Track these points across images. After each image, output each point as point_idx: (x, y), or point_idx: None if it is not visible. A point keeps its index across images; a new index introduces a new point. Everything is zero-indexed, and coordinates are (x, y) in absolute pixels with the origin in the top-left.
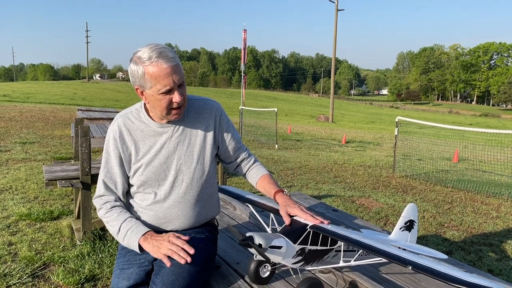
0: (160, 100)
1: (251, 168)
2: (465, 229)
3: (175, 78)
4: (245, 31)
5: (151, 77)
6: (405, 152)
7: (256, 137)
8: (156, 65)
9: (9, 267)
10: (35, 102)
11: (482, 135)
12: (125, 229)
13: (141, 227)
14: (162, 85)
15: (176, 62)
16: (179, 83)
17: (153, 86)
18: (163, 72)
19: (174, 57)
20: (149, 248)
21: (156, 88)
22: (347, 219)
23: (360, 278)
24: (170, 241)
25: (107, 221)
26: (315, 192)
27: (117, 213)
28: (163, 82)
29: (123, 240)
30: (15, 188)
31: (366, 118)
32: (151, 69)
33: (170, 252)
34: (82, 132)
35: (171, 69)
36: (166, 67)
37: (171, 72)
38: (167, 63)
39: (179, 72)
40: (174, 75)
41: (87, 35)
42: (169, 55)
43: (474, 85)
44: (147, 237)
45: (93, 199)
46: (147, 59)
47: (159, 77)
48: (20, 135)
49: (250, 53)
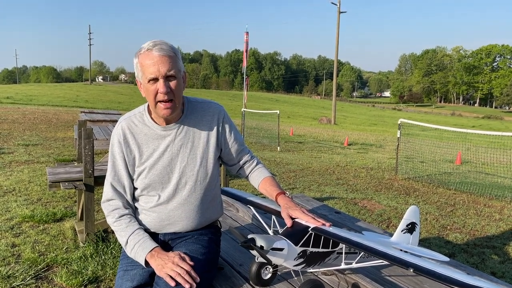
0: (148, 89)
1: (254, 170)
2: (467, 231)
3: (162, 68)
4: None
5: (141, 66)
6: (408, 154)
7: (258, 139)
8: (147, 54)
9: (12, 269)
10: (38, 104)
11: (484, 137)
12: (133, 243)
13: (148, 243)
14: (149, 72)
15: (167, 53)
16: (167, 75)
17: (143, 75)
18: (151, 60)
19: (168, 49)
20: (154, 265)
21: (144, 76)
22: (350, 221)
23: (362, 280)
24: (175, 263)
25: (115, 230)
26: (317, 194)
27: (126, 223)
28: (150, 70)
29: (130, 253)
30: (18, 190)
31: (368, 120)
32: (141, 58)
33: (173, 274)
34: (85, 134)
35: (159, 58)
36: (155, 56)
37: (159, 61)
38: (157, 52)
39: (169, 64)
40: (161, 64)
41: (90, 37)
42: (163, 47)
43: (476, 87)
44: (153, 254)
45: (102, 203)
46: (142, 50)
47: (147, 65)
48: (23, 137)
49: (252, 55)
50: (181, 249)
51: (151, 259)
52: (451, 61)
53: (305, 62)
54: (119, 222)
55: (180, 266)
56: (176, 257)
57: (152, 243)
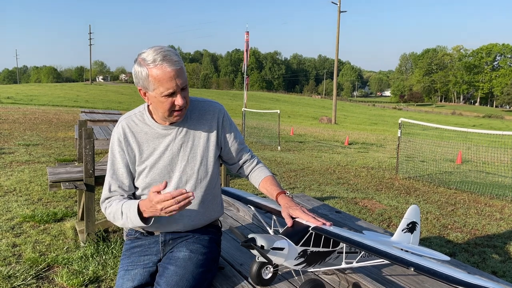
0: (162, 102)
1: (254, 169)
2: (468, 230)
3: (178, 82)
4: (247, 33)
5: (155, 80)
6: (408, 154)
7: (258, 138)
8: (160, 68)
9: (13, 269)
10: (39, 104)
11: (485, 137)
12: (125, 210)
13: (132, 202)
14: (165, 88)
15: (180, 65)
16: (182, 87)
17: (156, 89)
18: (167, 75)
19: (179, 61)
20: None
21: (159, 90)
22: (350, 221)
23: (363, 279)
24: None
25: (109, 212)
26: (318, 194)
27: (117, 201)
28: (166, 85)
29: (127, 220)
30: (19, 190)
31: (369, 119)
32: (155, 72)
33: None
34: (86, 134)
35: (174, 73)
36: (170, 71)
37: (175, 76)
38: (171, 67)
39: (182, 76)
40: (177, 78)
41: (90, 37)
42: (173, 58)
43: (477, 87)
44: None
45: (101, 203)
46: (151, 62)
47: (163, 80)
48: (24, 137)
49: (252, 54)
50: (181, 248)
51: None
52: (451, 60)
53: (305, 62)
54: (111, 203)
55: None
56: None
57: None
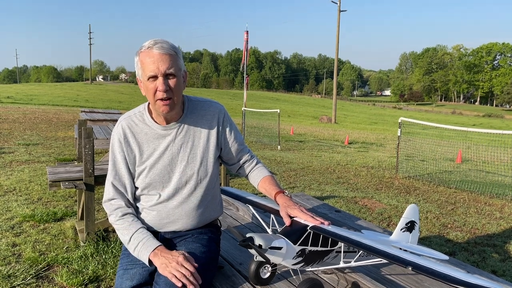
0: (147, 87)
1: (253, 169)
2: (468, 230)
3: (161, 66)
4: (247, 32)
5: (142, 63)
6: (408, 153)
7: (258, 138)
8: (147, 52)
9: (13, 268)
10: (39, 104)
11: (485, 136)
12: (136, 241)
13: (152, 241)
14: (148, 70)
15: (167, 52)
16: (167, 73)
17: (143, 73)
18: (151, 58)
19: (169, 48)
20: (158, 264)
21: (144, 74)
22: (350, 220)
23: (362, 278)
24: (179, 263)
25: (117, 229)
26: (318, 193)
27: (129, 222)
28: (149, 68)
29: (133, 251)
30: (19, 190)
31: (369, 119)
32: (142, 56)
33: (178, 274)
34: (86, 133)
35: (159, 56)
36: (155, 54)
37: (159, 59)
38: (157, 51)
39: (168, 62)
40: (161, 62)
41: (90, 37)
42: (164, 45)
43: (477, 86)
44: (157, 253)
45: (103, 203)
46: (143, 48)
47: (147, 62)
48: (24, 137)
49: (252, 54)
50: (181, 248)
51: (154, 257)
52: (451, 60)
53: (305, 61)
54: (122, 221)
55: (185, 267)
56: (181, 256)
57: (156, 242)
